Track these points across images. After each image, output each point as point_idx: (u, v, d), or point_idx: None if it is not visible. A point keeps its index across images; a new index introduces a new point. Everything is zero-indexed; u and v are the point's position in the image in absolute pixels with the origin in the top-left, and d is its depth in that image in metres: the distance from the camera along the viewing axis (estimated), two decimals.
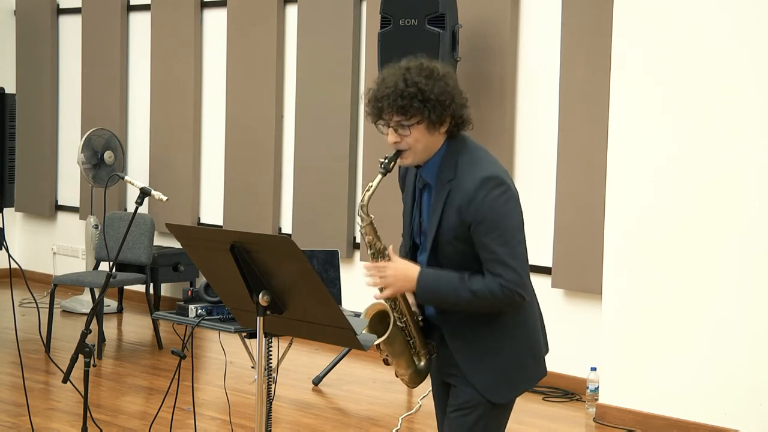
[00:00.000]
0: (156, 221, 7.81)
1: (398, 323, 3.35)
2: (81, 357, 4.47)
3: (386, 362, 3.42)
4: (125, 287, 8.69)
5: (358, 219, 3.40)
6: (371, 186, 3.31)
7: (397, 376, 3.51)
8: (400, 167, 3.53)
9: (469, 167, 3.29)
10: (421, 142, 3.29)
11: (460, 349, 3.35)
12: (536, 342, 3.43)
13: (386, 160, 3.31)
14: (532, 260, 3.57)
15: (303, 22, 7.98)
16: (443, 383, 3.49)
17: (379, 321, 3.34)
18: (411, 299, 3.39)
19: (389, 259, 3.34)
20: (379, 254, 3.35)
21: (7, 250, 5.55)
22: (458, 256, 3.29)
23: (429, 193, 3.37)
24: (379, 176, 3.31)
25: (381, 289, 3.33)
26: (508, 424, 3.47)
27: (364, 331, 3.33)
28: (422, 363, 3.42)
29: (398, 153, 3.31)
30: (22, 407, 5.59)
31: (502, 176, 3.28)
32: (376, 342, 3.31)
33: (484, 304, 3.25)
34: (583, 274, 6.56)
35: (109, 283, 4.72)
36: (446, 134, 3.33)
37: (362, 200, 3.34)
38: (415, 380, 3.47)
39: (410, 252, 3.44)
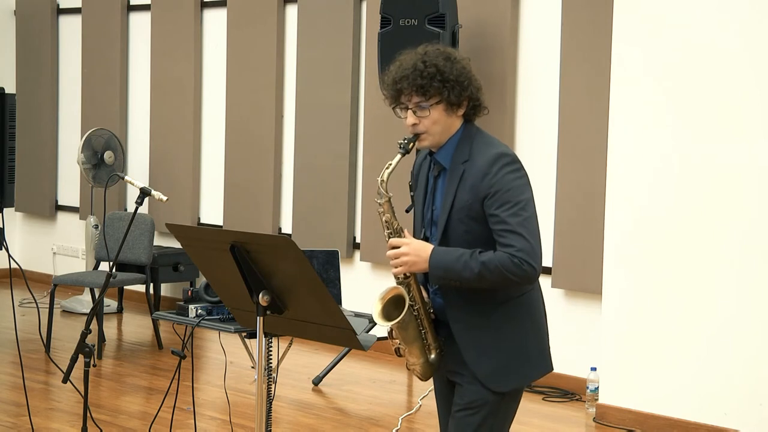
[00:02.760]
0: (156, 221, 7.81)
1: (412, 310, 3.34)
2: (81, 357, 4.47)
3: (398, 353, 3.40)
4: (125, 287, 8.69)
5: (376, 197, 3.37)
6: (390, 164, 3.31)
7: (408, 368, 3.48)
8: (413, 166, 3.53)
9: (483, 147, 3.32)
10: (440, 123, 3.31)
11: (463, 336, 3.34)
12: (541, 333, 3.43)
13: (405, 141, 3.32)
14: None
15: (303, 22, 7.97)
16: (448, 382, 3.48)
17: (393, 307, 3.33)
18: (425, 293, 3.40)
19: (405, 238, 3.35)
20: (395, 234, 3.36)
21: (7, 250, 5.54)
22: (468, 236, 3.29)
23: (443, 178, 3.38)
24: (399, 156, 3.31)
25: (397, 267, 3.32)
26: None
27: (377, 315, 3.32)
28: (433, 356, 3.41)
29: (417, 135, 3.33)
30: (22, 407, 5.59)
31: (515, 156, 3.32)
32: (391, 323, 3.30)
33: (494, 276, 3.22)
34: (583, 274, 6.56)
35: (109, 283, 4.72)
36: (462, 118, 3.36)
37: (381, 177, 3.33)
38: (426, 372, 3.44)
39: None
